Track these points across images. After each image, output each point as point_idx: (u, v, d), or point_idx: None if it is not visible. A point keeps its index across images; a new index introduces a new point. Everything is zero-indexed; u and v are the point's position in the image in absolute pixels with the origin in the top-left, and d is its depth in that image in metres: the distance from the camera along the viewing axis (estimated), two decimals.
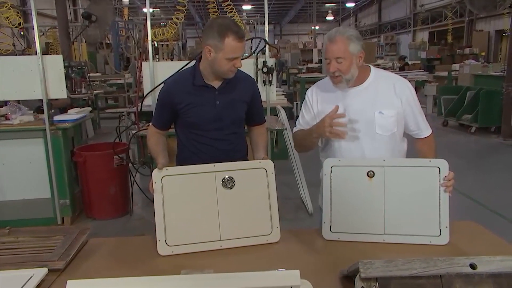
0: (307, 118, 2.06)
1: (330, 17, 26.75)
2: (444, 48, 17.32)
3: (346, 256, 1.57)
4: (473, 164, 6.27)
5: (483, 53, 15.62)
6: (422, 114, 2.00)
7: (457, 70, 10.87)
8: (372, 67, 1.99)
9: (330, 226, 1.74)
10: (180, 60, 10.31)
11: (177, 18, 4.21)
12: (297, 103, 9.71)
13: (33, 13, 3.72)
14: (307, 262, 1.57)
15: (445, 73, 11.73)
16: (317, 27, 25.15)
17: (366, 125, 1.91)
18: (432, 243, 1.65)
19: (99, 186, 4.20)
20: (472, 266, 1.12)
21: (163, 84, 2.11)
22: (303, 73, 12.84)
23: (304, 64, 17.44)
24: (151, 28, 4.02)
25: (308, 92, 2.09)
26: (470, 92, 8.60)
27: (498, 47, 16.86)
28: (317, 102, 2.02)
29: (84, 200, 4.31)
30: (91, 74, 8.21)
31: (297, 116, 7.93)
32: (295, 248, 1.71)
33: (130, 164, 4.40)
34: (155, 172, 1.75)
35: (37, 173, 3.98)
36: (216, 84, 1.95)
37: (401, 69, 14.14)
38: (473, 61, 12.10)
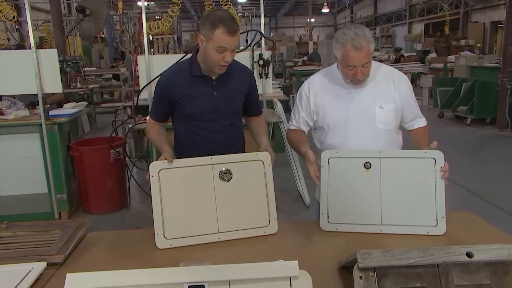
0: (303, 114, 2.03)
1: (325, 10, 26.66)
2: (439, 40, 17.31)
3: (343, 247, 1.58)
4: (469, 155, 6.30)
5: (478, 45, 15.63)
6: (417, 105, 2.05)
7: (453, 62, 10.88)
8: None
9: (328, 217, 1.75)
10: (176, 53, 10.26)
11: (172, 11, 4.18)
12: (293, 96, 9.70)
13: (27, 6, 3.68)
14: (305, 253, 1.58)
15: (440, 65, 11.73)
16: (312, 20, 25.07)
17: (366, 119, 1.92)
18: (429, 233, 1.66)
19: (96, 181, 4.20)
20: (469, 255, 1.13)
21: (159, 76, 2.09)
22: (299, 66, 12.83)
23: (300, 57, 17.42)
24: (146, 22, 3.99)
25: (304, 89, 2.04)
26: (465, 84, 8.61)
27: (494, 38, 16.88)
28: (315, 97, 1.99)
29: (81, 194, 4.31)
30: (86, 69, 8.15)
31: None
32: (292, 239, 1.71)
33: (127, 158, 4.40)
34: (152, 165, 1.74)
35: (33, 168, 3.97)
36: (213, 75, 1.94)
37: (397, 61, 14.14)
38: (468, 52, 12.11)
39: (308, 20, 24.13)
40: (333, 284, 1.34)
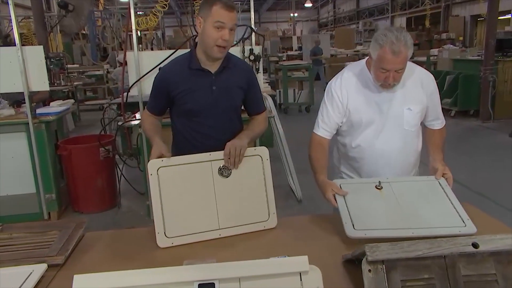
0: (333, 116, 1.97)
1: (308, 4, 26.71)
2: (422, 33, 17.52)
3: (343, 240, 1.59)
4: (454, 147, 6.41)
5: (460, 38, 15.87)
6: (440, 105, 2.06)
7: (436, 55, 11.01)
8: None
9: (353, 225, 1.63)
10: (161, 49, 10.16)
11: (161, 7, 4.12)
12: (279, 91, 9.73)
13: (10, 2, 3.60)
14: (306, 247, 1.58)
15: (423, 58, 11.86)
16: (295, 14, 25.09)
17: (395, 121, 1.93)
18: (461, 232, 1.57)
19: (85, 179, 4.14)
20: (474, 245, 1.15)
21: (158, 69, 2.06)
22: (284, 60, 12.84)
23: (284, 52, 17.45)
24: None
25: (335, 87, 1.96)
26: (449, 77, 8.74)
27: (474, 32, 17.17)
28: (347, 97, 1.94)
29: (70, 194, 4.24)
30: (68, 66, 8.01)
31: (280, 104, 8.04)
32: (292, 233, 1.72)
33: (117, 156, 4.34)
34: (151, 163, 1.72)
35: (20, 168, 3.89)
36: (213, 68, 1.92)
37: None
38: (451, 45, 12.27)
39: (291, 14, 24.15)
40: (340, 277, 1.35)
